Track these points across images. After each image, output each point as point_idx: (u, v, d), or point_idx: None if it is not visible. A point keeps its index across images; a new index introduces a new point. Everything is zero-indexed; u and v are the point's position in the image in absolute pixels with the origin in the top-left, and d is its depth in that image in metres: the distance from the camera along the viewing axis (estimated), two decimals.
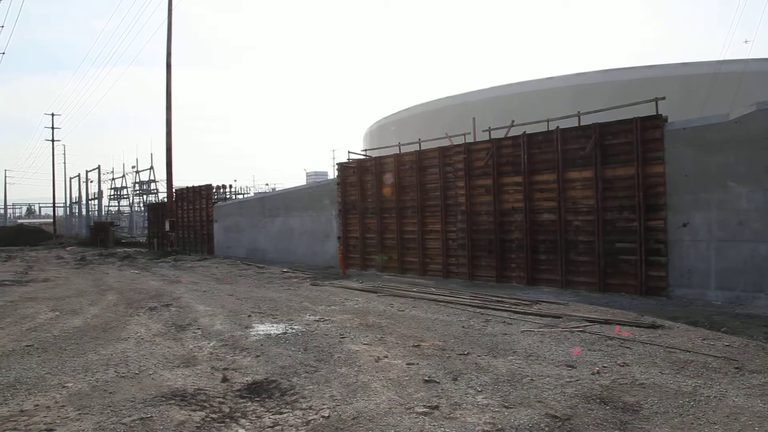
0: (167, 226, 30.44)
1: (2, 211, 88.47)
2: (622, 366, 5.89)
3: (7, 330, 8.79)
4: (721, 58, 21.76)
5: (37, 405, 5.08)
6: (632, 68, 23.70)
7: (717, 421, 4.36)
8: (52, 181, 61.65)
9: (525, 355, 6.44)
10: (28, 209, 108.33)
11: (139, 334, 8.20)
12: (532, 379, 5.50)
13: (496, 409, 4.69)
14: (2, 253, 31.19)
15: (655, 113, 10.91)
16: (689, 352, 6.42)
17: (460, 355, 6.53)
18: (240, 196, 34.90)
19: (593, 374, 5.62)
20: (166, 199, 32.63)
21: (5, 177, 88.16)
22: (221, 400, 5.12)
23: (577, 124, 12.25)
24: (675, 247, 10.53)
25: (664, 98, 11.02)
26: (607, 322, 8.18)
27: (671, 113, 11.04)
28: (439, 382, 5.45)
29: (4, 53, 44.75)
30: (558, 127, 12.37)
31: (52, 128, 60.32)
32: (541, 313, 9.11)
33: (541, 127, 13.18)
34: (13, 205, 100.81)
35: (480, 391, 5.17)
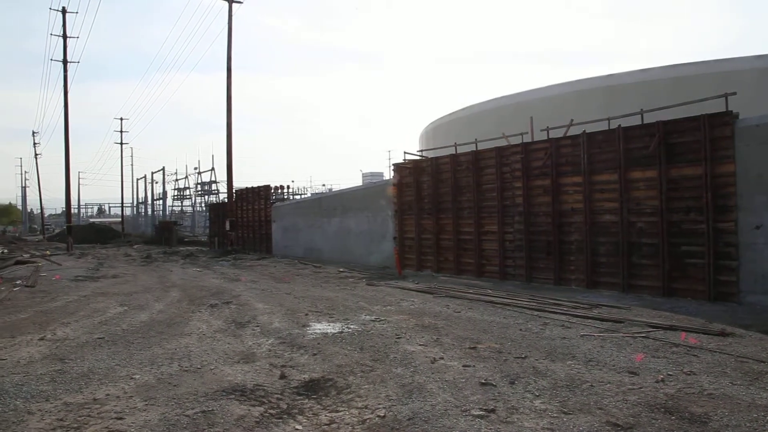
0: (227, 226, 31.33)
1: (76, 211, 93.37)
2: (689, 375, 5.64)
3: (81, 323, 9.28)
4: None
5: (108, 394, 5.34)
6: (700, 63, 22.63)
7: None
8: (120, 182, 64.59)
9: (584, 360, 6.27)
10: (99, 209, 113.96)
11: (201, 330, 8.48)
12: (592, 385, 5.34)
13: (555, 415, 4.59)
14: (76, 250, 32.91)
15: (725, 110, 10.41)
16: (763, 362, 6.07)
17: (518, 358, 6.42)
18: (297, 197, 35.53)
19: (657, 382, 5.41)
20: (226, 200, 33.60)
21: (79, 178, 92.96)
22: (279, 396, 5.23)
23: (639, 123, 11.83)
24: (747, 251, 10.00)
25: (734, 93, 10.50)
26: (671, 328, 7.86)
27: (744, 110, 10.49)
28: (495, 385, 5.38)
29: (78, 62, 47.23)
30: (620, 125, 11.98)
31: (121, 132, 63.20)
32: (601, 317, 8.84)
33: (602, 126, 12.80)
34: (86, 204, 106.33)
35: (538, 396, 5.07)
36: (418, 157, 18.89)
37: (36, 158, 73.59)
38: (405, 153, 18.54)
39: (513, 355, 6.58)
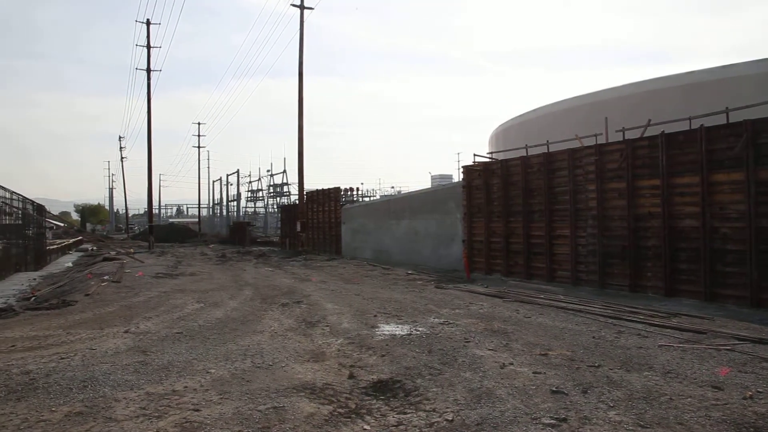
0: (298, 227, 32.08)
1: (157, 211, 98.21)
2: None
3: (161, 317, 9.77)
4: None
5: (186, 387, 5.59)
6: None
7: None
8: (197, 184, 67.48)
9: (662, 372, 5.99)
10: (177, 209, 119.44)
11: (272, 328, 8.72)
12: (671, 399, 5.09)
13: (630, 428, 4.41)
14: (157, 249, 34.66)
15: None
16: None
17: (591, 366, 6.22)
18: (366, 199, 35.91)
19: (745, 399, 5.08)
20: (297, 201, 34.39)
21: (160, 180, 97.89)
22: (348, 396, 5.30)
23: (723, 122, 11.19)
24: None
25: None
26: (761, 341, 7.37)
27: None
28: (567, 394, 5.24)
29: (160, 71, 49.64)
30: (702, 125, 11.37)
31: (198, 136, 66.11)
32: (681, 327, 8.41)
33: (681, 126, 12.20)
34: (165, 205, 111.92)
35: (612, 407, 4.89)
36: (487, 160, 18.65)
37: (122, 161, 78.06)
38: (474, 155, 18.37)
39: (586, 363, 6.38)
